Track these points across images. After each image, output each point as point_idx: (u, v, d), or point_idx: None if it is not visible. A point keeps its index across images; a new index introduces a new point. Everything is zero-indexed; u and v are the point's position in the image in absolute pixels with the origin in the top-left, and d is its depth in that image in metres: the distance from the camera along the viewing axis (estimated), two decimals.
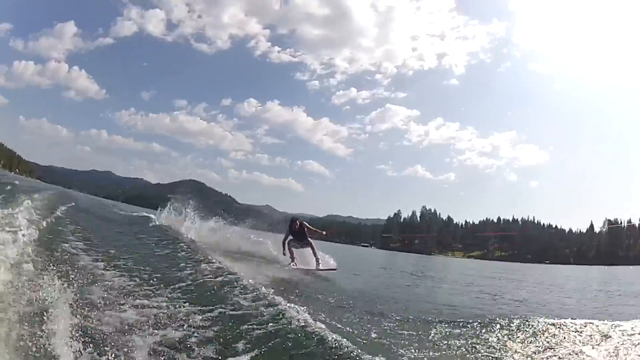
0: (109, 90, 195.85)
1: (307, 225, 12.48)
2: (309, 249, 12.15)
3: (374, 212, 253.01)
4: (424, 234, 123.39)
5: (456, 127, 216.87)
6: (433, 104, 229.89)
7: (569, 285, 18.58)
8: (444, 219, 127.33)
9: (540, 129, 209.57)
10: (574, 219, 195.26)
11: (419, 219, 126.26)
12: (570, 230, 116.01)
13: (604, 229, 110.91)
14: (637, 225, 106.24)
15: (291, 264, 11.53)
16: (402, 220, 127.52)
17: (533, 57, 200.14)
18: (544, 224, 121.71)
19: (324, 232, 13.68)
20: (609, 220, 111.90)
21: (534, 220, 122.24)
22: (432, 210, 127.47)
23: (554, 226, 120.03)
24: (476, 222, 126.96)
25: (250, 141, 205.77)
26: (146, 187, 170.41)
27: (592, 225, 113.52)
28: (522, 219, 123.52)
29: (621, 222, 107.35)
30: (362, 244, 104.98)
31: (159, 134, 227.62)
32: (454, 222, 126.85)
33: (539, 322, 5.60)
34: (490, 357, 4.37)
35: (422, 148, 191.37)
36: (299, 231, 12.17)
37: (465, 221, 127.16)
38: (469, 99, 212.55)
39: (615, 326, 5.43)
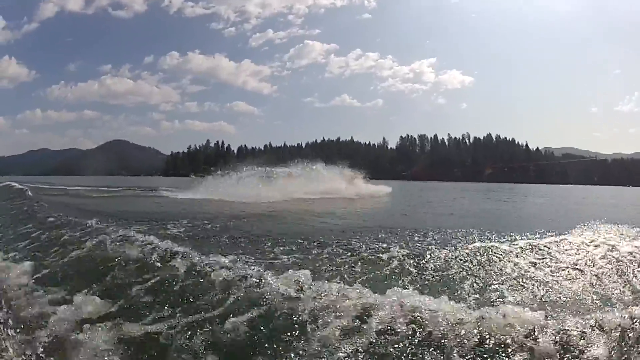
0: (39, 70, 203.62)
1: None
2: None
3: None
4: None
5: (376, 57, 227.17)
6: (349, 37, 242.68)
7: None
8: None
9: (461, 55, 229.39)
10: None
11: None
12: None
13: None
14: None
15: None
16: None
17: None
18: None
19: None
20: None
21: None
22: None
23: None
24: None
25: (178, 92, 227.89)
26: (78, 156, 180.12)
27: None
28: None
29: None
30: None
31: (89, 100, 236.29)
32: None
33: None
34: None
35: (344, 79, 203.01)
36: None
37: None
38: (385, 30, 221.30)
39: None
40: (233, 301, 3.58)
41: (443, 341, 2.95)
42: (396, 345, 2.93)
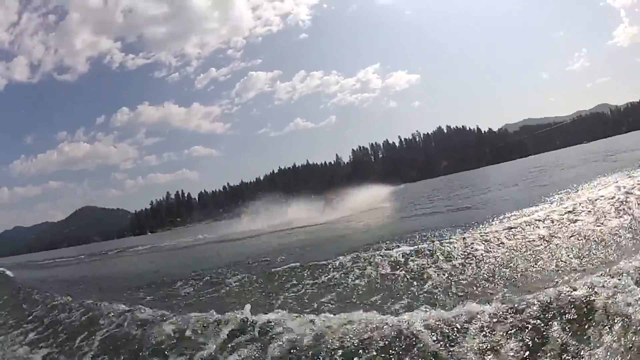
0: None
1: None
2: None
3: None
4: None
5: (320, 75, 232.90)
6: (291, 61, 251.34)
7: None
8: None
9: (403, 55, 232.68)
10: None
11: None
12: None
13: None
14: None
15: None
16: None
17: None
18: None
19: None
20: None
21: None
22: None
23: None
24: None
25: (135, 147, 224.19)
26: (51, 229, 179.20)
27: None
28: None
29: None
30: None
31: (51, 171, 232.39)
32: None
33: None
34: None
35: (294, 103, 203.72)
36: None
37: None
38: (324, 46, 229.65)
39: None
40: None
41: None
42: None
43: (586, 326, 3.28)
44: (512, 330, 3.37)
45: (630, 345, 3.04)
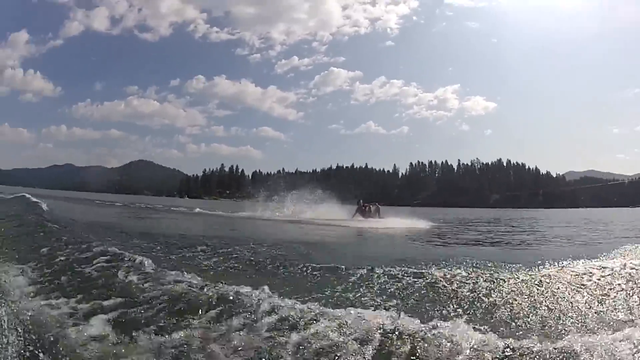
0: (64, 87, 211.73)
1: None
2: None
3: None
4: None
5: (400, 84, 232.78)
6: (373, 65, 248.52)
7: None
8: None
9: (485, 81, 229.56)
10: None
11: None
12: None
13: None
14: None
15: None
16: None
17: (467, 16, 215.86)
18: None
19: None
20: None
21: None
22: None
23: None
24: None
25: (204, 115, 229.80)
26: (102, 173, 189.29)
27: None
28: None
29: None
30: None
31: (115, 120, 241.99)
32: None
33: None
34: None
35: (370, 106, 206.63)
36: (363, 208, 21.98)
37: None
38: (408, 57, 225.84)
39: None
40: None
41: None
42: None
43: None
44: None
45: None
